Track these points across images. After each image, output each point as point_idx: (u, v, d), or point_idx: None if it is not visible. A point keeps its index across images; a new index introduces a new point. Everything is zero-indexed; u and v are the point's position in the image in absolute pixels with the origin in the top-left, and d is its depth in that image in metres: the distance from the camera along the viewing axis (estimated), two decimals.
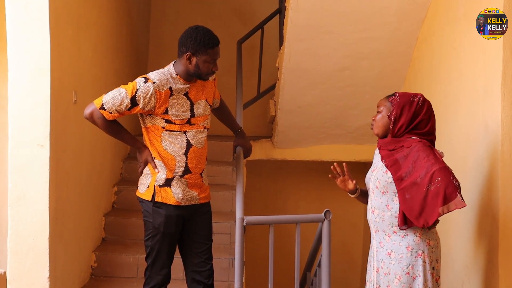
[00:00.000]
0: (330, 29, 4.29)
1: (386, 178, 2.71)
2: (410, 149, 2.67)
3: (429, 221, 2.57)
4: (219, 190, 4.82)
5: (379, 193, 2.75)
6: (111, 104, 2.94)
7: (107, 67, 4.61)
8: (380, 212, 2.74)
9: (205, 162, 3.23)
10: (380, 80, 4.68)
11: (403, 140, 2.72)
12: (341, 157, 5.62)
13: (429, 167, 2.57)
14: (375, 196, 2.77)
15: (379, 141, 2.84)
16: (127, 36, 5.33)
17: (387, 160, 2.72)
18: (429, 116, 2.73)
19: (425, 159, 2.60)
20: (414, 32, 4.28)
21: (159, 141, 3.05)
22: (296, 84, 4.79)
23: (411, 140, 2.70)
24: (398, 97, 2.75)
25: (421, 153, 2.63)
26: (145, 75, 3.02)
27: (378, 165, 2.81)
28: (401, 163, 2.67)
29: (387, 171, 2.71)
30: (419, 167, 2.60)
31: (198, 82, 3.12)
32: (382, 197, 2.73)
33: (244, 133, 3.64)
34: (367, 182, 2.88)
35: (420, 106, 2.72)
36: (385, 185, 2.72)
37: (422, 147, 2.65)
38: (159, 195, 3.08)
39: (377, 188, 2.76)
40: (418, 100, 2.72)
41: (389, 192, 2.71)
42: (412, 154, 2.65)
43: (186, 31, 3.02)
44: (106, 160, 4.64)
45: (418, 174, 2.59)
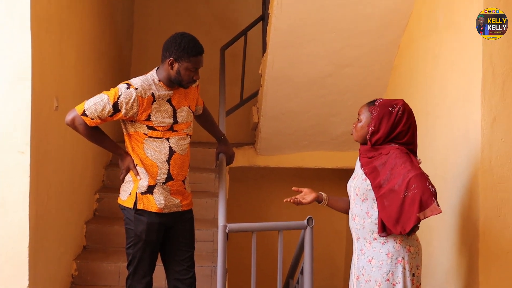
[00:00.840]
0: (313, 36, 4.32)
1: (366, 186, 2.73)
2: (388, 156, 2.69)
3: (406, 228, 2.58)
4: (201, 197, 4.81)
5: (359, 200, 2.76)
6: (93, 110, 2.94)
7: (90, 73, 4.59)
8: (361, 220, 2.75)
9: (188, 169, 3.23)
10: (362, 88, 4.71)
11: (382, 148, 2.73)
12: (323, 164, 5.65)
13: (405, 174, 2.59)
14: (356, 204, 2.79)
15: (360, 147, 2.86)
16: (110, 42, 5.31)
17: (366, 168, 2.74)
18: (408, 126, 2.73)
19: (401, 166, 2.62)
20: (396, 40, 4.32)
21: (142, 148, 3.05)
22: (279, 91, 4.80)
23: (389, 147, 2.72)
24: (378, 107, 2.74)
25: (398, 160, 2.64)
26: (128, 81, 3.02)
27: (358, 172, 2.82)
28: (379, 170, 2.69)
29: (366, 178, 2.73)
30: (396, 174, 2.62)
31: (181, 89, 3.12)
32: (362, 204, 2.75)
33: (227, 140, 3.64)
34: (348, 190, 2.89)
35: (399, 117, 2.71)
36: (365, 192, 2.73)
37: (399, 154, 2.67)
38: (141, 203, 3.07)
39: (357, 195, 2.77)
40: (397, 110, 2.71)
41: (368, 199, 2.73)
42: (389, 161, 2.67)
43: (172, 37, 3.02)
44: (87, 167, 4.61)
45: (395, 181, 2.61)
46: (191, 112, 3.19)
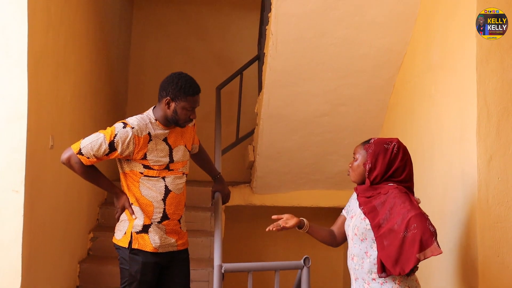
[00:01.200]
0: (309, 75, 4.35)
1: (364, 225, 2.71)
2: (387, 195, 2.68)
3: (405, 268, 2.55)
4: (197, 236, 4.77)
5: (358, 240, 2.74)
6: (89, 149, 2.94)
7: (85, 111, 4.61)
8: (359, 260, 2.73)
9: (184, 208, 3.21)
10: (358, 126, 4.72)
11: (380, 187, 2.73)
12: (320, 203, 5.62)
13: (405, 214, 2.58)
14: (354, 243, 2.77)
15: (357, 187, 2.85)
16: (106, 80, 5.34)
17: (364, 207, 2.73)
18: (404, 163, 2.74)
19: (401, 206, 2.61)
20: (391, 79, 4.35)
21: (137, 187, 3.04)
22: (275, 129, 4.81)
23: (388, 187, 2.72)
24: (373, 144, 2.76)
25: (397, 200, 2.64)
26: (124, 120, 3.03)
27: (357, 212, 2.81)
28: (378, 210, 2.67)
29: (365, 218, 2.71)
30: (396, 213, 2.61)
31: (178, 128, 3.12)
32: (361, 244, 2.73)
33: (222, 178, 3.63)
34: (346, 230, 2.87)
35: (395, 154, 2.72)
36: (364, 232, 2.71)
37: (398, 193, 2.66)
38: (136, 242, 3.05)
39: (355, 235, 2.75)
40: (392, 147, 2.73)
41: (367, 239, 2.71)
42: (388, 200, 2.66)
43: (169, 76, 3.04)
44: (82, 206, 4.58)
45: (395, 221, 2.60)
46: (187, 151, 3.19)
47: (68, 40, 4.06)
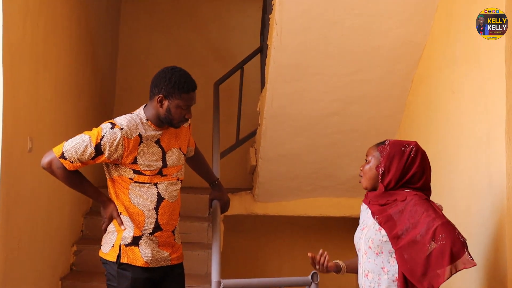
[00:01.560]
0: (317, 70, 4.35)
1: (380, 237, 2.69)
2: (405, 203, 2.66)
3: (434, 283, 2.53)
4: (193, 249, 4.77)
5: (372, 254, 2.72)
6: (72, 153, 2.93)
7: (68, 111, 4.60)
8: (375, 276, 2.71)
9: (178, 218, 3.21)
10: (372, 126, 4.73)
11: (396, 193, 2.71)
12: (330, 212, 5.62)
13: (429, 223, 2.56)
14: (368, 258, 2.74)
15: (367, 194, 2.83)
16: (91, 76, 5.34)
17: (379, 217, 2.71)
18: (422, 169, 2.72)
19: (424, 214, 2.59)
20: (408, 74, 4.35)
21: (127, 194, 3.03)
22: (279, 130, 4.81)
23: (405, 193, 2.70)
24: (388, 146, 2.74)
25: (418, 208, 2.62)
26: (112, 120, 3.02)
27: (369, 222, 2.79)
28: (395, 219, 2.66)
29: (380, 228, 2.70)
30: (418, 223, 2.59)
31: (171, 129, 3.12)
32: (377, 258, 2.71)
33: (221, 185, 3.63)
34: (356, 243, 2.85)
35: (412, 158, 2.71)
36: (379, 244, 2.69)
37: (418, 200, 2.64)
38: (125, 256, 3.04)
39: (370, 248, 2.73)
40: (410, 150, 2.71)
41: (384, 252, 2.69)
42: (407, 208, 2.64)
43: (161, 71, 3.04)
44: (64, 215, 4.57)
45: (418, 231, 2.58)
46: (182, 155, 3.19)
47: (48, 31, 4.05)
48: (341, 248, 6.62)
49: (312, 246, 6.70)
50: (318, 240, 6.54)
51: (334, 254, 6.94)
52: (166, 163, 3.07)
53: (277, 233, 6.66)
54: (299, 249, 6.63)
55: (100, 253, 3.14)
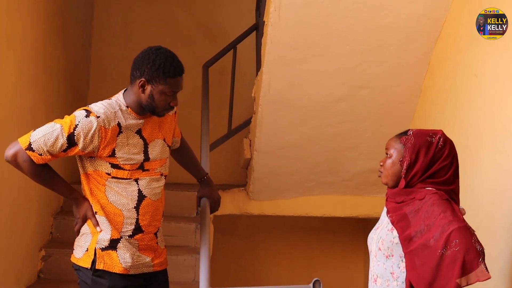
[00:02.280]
0: (321, 50, 4.35)
1: (391, 238, 2.70)
2: (423, 202, 2.67)
3: None
4: (179, 254, 4.79)
5: (382, 256, 2.74)
6: (41, 144, 2.92)
7: (36, 96, 4.59)
8: (384, 282, 2.73)
9: (162, 219, 3.22)
10: (383, 115, 4.74)
11: (415, 191, 2.72)
12: (334, 212, 5.63)
13: (445, 226, 2.57)
14: (378, 261, 2.76)
15: (388, 191, 2.84)
16: (62, 57, 5.33)
17: (393, 215, 2.72)
18: (450, 161, 2.74)
19: (440, 216, 2.60)
20: (425, 55, 4.36)
21: (103, 191, 3.03)
22: (277, 119, 4.82)
23: (425, 191, 2.71)
24: (413, 137, 2.76)
25: (436, 208, 2.63)
26: (87, 107, 3.01)
27: (383, 221, 2.81)
28: (410, 219, 2.67)
29: (392, 228, 2.71)
30: (433, 225, 2.60)
31: (154, 117, 3.12)
32: (386, 262, 2.72)
33: (211, 181, 3.64)
34: (369, 243, 2.87)
35: (440, 149, 2.72)
36: (390, 246, 2.71)
37: (437, 200, 2.65)
38: (101, 261, 3.04)
39: (379, 250, 2.74)
40: (437, 140, 2.73)
41: (394, 255, 2.70)
42: (424, 208, 2.65)
43: (144, 52, 3.03)
44: (31, 215, 4.56)
45: (431, 234, 2.59)
46: (167, 147, 3.19)
47: (11, 5, 4.03)
48: (346, 252, 6.65)
49: (314, 250, 6.75)
50: (320, 244, 6.56)
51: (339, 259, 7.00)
52: (149, 156, 3.07)
53: (275, 236, 6.68)
54: (299, 254, 6.66)
55: (72, 258, 3.13)
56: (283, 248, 6.69)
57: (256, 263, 6.70)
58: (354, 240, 6.34)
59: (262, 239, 6.70)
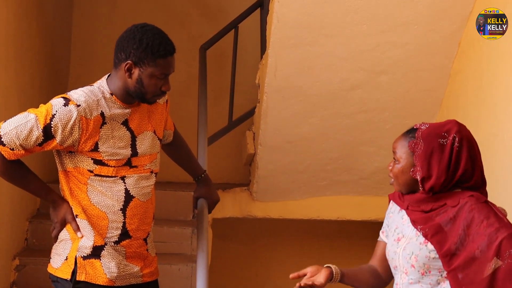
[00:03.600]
0: (334, 30, 4.35)
1: (427, 253, 2.68)
2: (458, 208, 2.65)
3: None
4: (172, 263, 4.80)
5: (416, 274, 2.72)
6: (13, 137, 2.91)
7: (8, 82, 4.58)
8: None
9: (152, 222, 3.22)
10: (405, 104, 4.75)
11: (445, 196, 2.69)
12: (350, 215, 5.64)
13: (492, 235, 2.55)
14: (410, 278, 2.73)
15: (406, 197, 2.81)
16: (39, 37, 5.33)
17: (425, 227, 2.69)
18: (472, 162, 2.69)
19: (483, 223, 2.58)
20: (454, 34, 4.35)
21: (85, 191, 3.03)
22: (284, 109, 4.83)
23: (457, 196, 2.68)
24: (421, 141, 2.69)
25: (476, 214, 2.61)
26: (65, 94, 3.00)
27: (407, 232, 2.77)
28: (446, 231, 2.65)
29: (426, 241, 2.69)
30: (476, 235, 2.58)
31: (143, 106, 3.12)
32: (423, 279, 2.71)
33: (209, 179, 3.65)
34: (391, 258, 2.84)
35: (457, 152, 2.66)
36: (426, 262, 2.69)
37: (475, 205, 2.63)
38: (83, 271, 3.04)
39: (413, 267, 2.72)
40: (452, 142, 2.66)
41: (432, 271, 2.69)
42: (462, 216, 2.63)
43: (129, 30, 3.02)
44: (2, 219, 4.56)
45: (476, 245, 2.57)
46: (157, 140, 3.19)
47: None
48: (364, 261, 6.63)
49: (327, 258, 6.73)
50: (334, 251, 6.56)
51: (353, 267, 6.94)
52: (137, 151, 3.06)
53: (281, 242, 6.69)
54: (309, 263, 6.58)
55: (49, 268, 3.12)
56: (291, 256, 6.69)
57: (261, 273, 6.73)
58: (373, 247, 6.31)
59: (267, 245, 6.71)
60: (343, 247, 6.52)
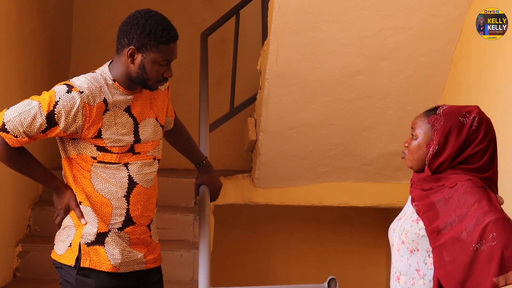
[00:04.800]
0: (336, 16, 4.34)
1: (417, 230, 2.70)
2: (454, 190, 2.66)
3: None
4: (174, 249, 4.81)
5: (406, 251, 2.74)
6: (16, 124, 2.91)
7: (10, 69, 4.58)
8: (408, 280, 2.72)
9: (155, 209, 3.22)
10: (408, 90, 4.74)
11: (445, 177, 2.71)
12: (352, 201, 5.64)
13: (480, 217, 2.55)
14: (401, 256, 2.76)
15: (414, 176, 2.83)
16: (39, 23, 5.31)
17: (419, 204, 2.71)
18: (486, 145, 2.70)
19: (474, 206, 2.59)
20: (457, 20, 4.35)
21: (88, 178, 3.03)
22: (286, 95, 4.82)
23: (456, 177, 2.69)
24: (442, 117, 2.72)
25: (469, 197, 2.62)
26: (68, 81, 3.00)
27: (407, 211, 2.80)
28: (438, 209, 2.66)
29: (418, 219, 2.71)
30: (465, 216, 2.59)
31: (145, 93, 3.11)
32: (411, 257, 2.72)
33: (210, 166, 3.64)
34: (390, 236, 2.87)
35: (473, 131, 2.68)
36: (415, 239, 2.70)
37: (470, 188, 2.64)
38: (87, 258, 3.04)
39: (403, 243, 2.74)
40: (471, 121, 2.69)
41: (420, 250, 2.70)
42: (455, 197, 2.64)
43: (132, 16, 3.01)
44: (6, 206, 4.57)
45: (464, 226, 2.58)
46: (160, 127, 3.19)
47: None
48: (366, 247, 6.65)
49: (329, 245, 6.75)
50: (336, 237, 6.57)
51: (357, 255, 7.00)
52: (139, 138, 3.06)
53: (283, 228, 6.69)
54: (311, 249, 6.67)
55: (53, 254, 3.13)
56: (293, 242, 6.70)
57: (262, 259, 6.73)
58: (375, 233, 6.33)
59: (269, 232, 6.71)
60: (345, 233, 6.53)
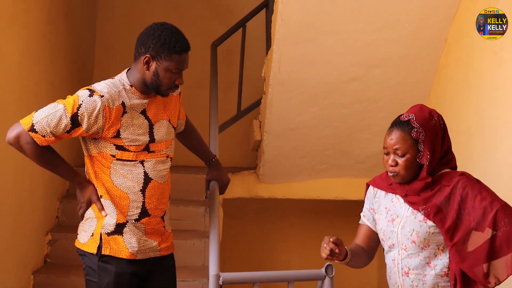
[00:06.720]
0: (333, 28, 4.33)
1: (427, 229, 2.68)
2: (452, 186, 2.65)
3: (500, 276, 2.56)
4: (187, 238, 4.81)
5: (416, 248, 2.71)
6: (44, 125, 2.91)
7: (39, 76, 4.58)
8: (420, 273, 2.71)
9: (168, 202, 3.22)
10: (397, 95, 4.72)
11: (440, 179, 2.69)
12: (347, 195, 5.62)
13: (487, 208, 2.58)
14: (410, 253, 2.73)
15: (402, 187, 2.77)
16: (66, 35, 5.31)
17: (426, 207, 2.67)
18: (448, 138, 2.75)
19: (477, 198, 2.60)
20: (442, 31, 4.32)
21: (108, 174, 3.03)
22: (288, 99, 4.81)
23: (449, 175, 2.68)
24: (421, 128, 2.66)
25: (469, 191, 2.62)
26: (90, 86, 3.01)
27: (402, 213, 2.76)
28: (444, 209, 2.65)
29: (425, 219, 2.69)
30: (472, 208, 2.60)
31: (159, 97, 3.12)
32: (422, 253, 2.71)
33: (219, 163, 3.65)
34: (388, 237, 2.81)
35: (443, 127, 2.72)
36: (427, 237, 2.69)
37: (467, 182, 2.65)
38: (107, 246, 3.05)
39: (413, 243, 2.71)
40: (438, 119, 2.71)
41: (431, 245, 2.70)
42: (456, 193, 2.64)
43: (149, 28, 3.03)
44: (36, 199, 4.58)
45: (472, 217, 2.60)
46: (172, 128, 3.20)
47: None
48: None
49: (326, 234, 6.73)
50: (333, 228, 6.54)
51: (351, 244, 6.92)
52: (154, 138, 3.06)
53: (285, 220, 6.68)
54: (310, 238, 6.65)
55: (77, 243, 3.14)
56: (294, 232, 6.70)
57: (267, 248, 6.73)
58: None
59: (272, 223, 6.71)
60: (340, 224, 6.50)
